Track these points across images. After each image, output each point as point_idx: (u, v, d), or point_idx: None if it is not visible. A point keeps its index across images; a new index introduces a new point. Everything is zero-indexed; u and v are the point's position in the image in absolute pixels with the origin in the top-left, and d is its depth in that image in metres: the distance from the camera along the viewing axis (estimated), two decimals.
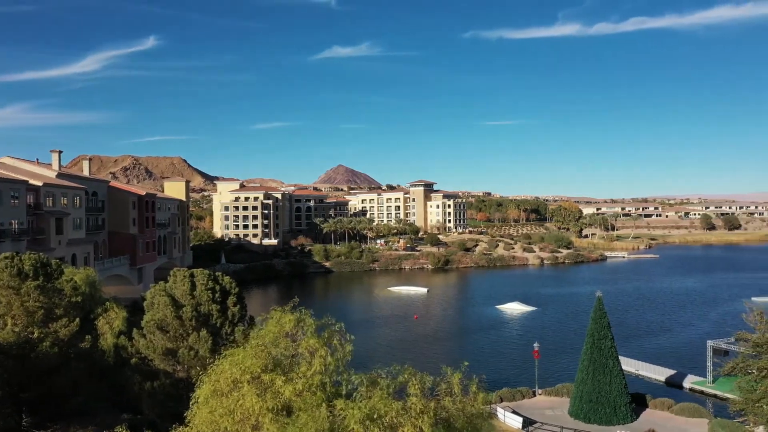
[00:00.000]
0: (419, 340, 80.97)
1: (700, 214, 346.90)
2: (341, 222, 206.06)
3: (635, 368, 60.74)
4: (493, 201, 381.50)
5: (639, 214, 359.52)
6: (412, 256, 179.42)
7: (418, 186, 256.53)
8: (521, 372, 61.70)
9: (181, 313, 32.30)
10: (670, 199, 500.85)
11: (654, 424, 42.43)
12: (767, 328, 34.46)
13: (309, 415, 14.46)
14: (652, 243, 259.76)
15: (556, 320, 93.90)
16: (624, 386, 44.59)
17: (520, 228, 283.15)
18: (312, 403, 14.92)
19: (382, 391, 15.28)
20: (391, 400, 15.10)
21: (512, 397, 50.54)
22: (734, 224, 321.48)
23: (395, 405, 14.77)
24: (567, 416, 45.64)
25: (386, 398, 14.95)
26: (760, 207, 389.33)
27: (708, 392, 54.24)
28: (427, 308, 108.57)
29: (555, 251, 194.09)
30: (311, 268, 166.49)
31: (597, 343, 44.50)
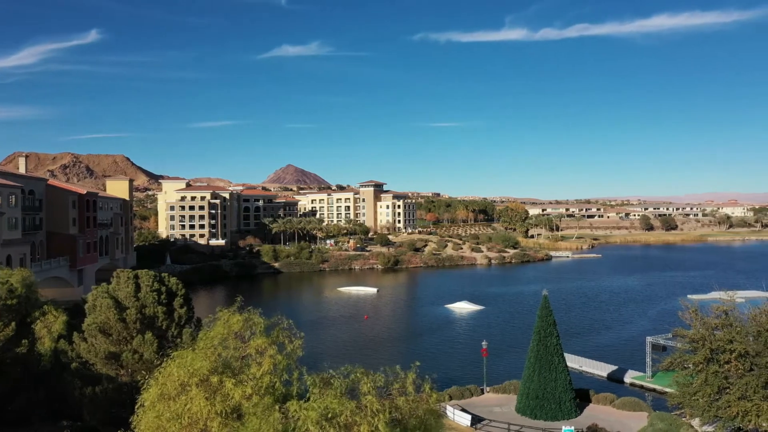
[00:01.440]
0: (370, 341, 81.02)
1: (640, 215, 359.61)
2: (291, 222, 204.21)
3: (579, 365, 62.45)
4: (442, 202, 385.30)
5: (582, 215, 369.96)
6: (362, 257, 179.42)
7: (368, 186, 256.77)
8: (470, 370, 62.49)
9: (125, 315, 31.35)
10: (612, 201, 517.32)
11: (597, 418, 43.70)
12: (702, 324, 35.91)
13: (260, 419, 14.24)
14: (595, 243, 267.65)
15: (503, 319, 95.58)
16: (569, 382, 45.73)
17: (469, 228, 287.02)
18: (262, 406, 14.70)
19: (335, 391, 15.20)
20: (345, 399, 15.05)
21: (461, 395, 51.15)
22: (671, 225, 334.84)
23: (349, 404, 14.73)
24: (514, 413, 46.50)
25: (340, 398, 14.89)
26: (694, 208, 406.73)
27: (647, 386, 56.29)
28: (377, 308, 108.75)
29: (502, 251, 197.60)
30: (260, 269, 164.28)
31: (543, 341, 45.49)
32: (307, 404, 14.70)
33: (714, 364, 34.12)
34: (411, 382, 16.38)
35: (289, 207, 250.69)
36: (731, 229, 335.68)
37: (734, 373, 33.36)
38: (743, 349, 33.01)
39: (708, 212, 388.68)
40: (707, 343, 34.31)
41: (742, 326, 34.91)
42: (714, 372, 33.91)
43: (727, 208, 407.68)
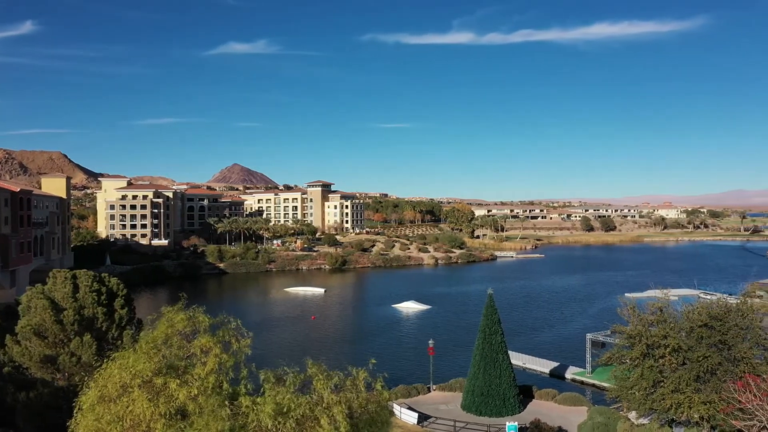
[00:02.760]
0: (317, 341, 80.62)
1: (581, 217, 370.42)
2: (236, 222, 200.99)
3: (523, 362, 63.87)
4: (389, 202, 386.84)
5: (526, 216, 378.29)
6: (310, 257, 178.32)
7: (316, 186, 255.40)
8: (417, 369, 63.01)
9: (62, 317, 30.19)
10: (554, 202, 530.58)
11: (539, 413, 44.79)
12: (639, 321, 37.34)
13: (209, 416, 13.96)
14: (538, 243, 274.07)
15: (450, 318, 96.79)
16: (513, 379, 46.72)
17: (416, 229, 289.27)
18: (209, 405, 14.42)
19: (288, 387, 15.07)
20: (299, 394, 14.96)
21: (408, 393, 51.53)
22: (610, 226, 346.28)
23: (304, 399, 14.64)
24: (460, 410, 47.17)
25: (294, 393, 14.79)
26: (632, 210, 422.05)
27: (587, 382, 58.10)
28: (324, 308, 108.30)
29: (449, 251, 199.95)
30: (204, 270, 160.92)
31: (488, 339, 46.30)
32: (261, 399, 14.52)
33: (650, 358, 35.52)
34: (362, 380, 16.42)
35: (235, 207, 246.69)
36: (666, 230, 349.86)
37: (668, 367, 34.81)
38: (677, 344, 34.48)
39: (644, 214, 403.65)
40: (643, 338, 35.67)
41: (676, 322, 36.48)
42: (649, 366, 35.30)
43: (662, 210, 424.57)
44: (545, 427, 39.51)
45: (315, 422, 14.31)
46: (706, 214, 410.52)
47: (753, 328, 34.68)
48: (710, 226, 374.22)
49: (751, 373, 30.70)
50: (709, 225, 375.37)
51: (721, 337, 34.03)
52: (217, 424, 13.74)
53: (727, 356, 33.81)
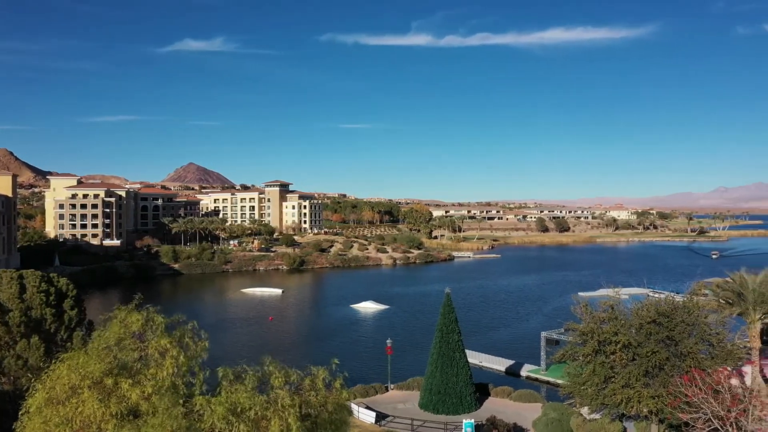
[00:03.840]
0: (275, 342, 79.88)
1: (536, 218, 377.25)
2: (192, 222, 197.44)
3: (479, 360, 64.67)
4: (348, 203, 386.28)
5: (483, 217, 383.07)
6: (267, 257, 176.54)
7: (274, 186, 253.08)
8: (375, 368, 63.14)
9: (8, 318, 29.13)
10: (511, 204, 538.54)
11: (495, 411, 45.43)
12: (591, 318, 38.24)
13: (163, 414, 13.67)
14: (495, 243, 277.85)
15: (408, 318, 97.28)
16: (469, 377, 47.26)
17: (374, 229, 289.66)
18: (163, 404, 14.13)
19: (245, 385, 14.88)
20: (255, 393, 14.78)
21: (366, 393, 51.55)
22: (564, 227, 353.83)
23: (259, 399, 14.47)
24: (417, 408, 47.44)
25: (250, 392, 14.61)
26: (585, 212, 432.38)
27: (542, 379, 59.23)
28: (282, 309, 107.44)
29: (407, 251, 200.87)
30: (158, 271, 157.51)
31: (445, 338, 46.71)
32: (215, 399, 14.31)
33: (601, 355, 36.42)
34: (322, 378, 16.35)
35: (191, 206, 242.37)
36: (617, 231, 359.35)
37: (619, 363, 35.75)
38: (627, 340, 35.43)
39: (597, 215, 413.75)
40: (595, 335, 36.54)
41: (626, 320, 37.49)
42: (601, 362, 36.19)
43: (614, 211, 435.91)
44: (501, 424, 40.10)
45: (269, 422, 14.18)
46: (655, 216, 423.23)
47: (698, 324, 35.90)
48: (659, 227, 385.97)
49: (697, 367, 31.77)
50: (658, 226, 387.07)
51: (668, 333, 35.13)
52: (172, 423, 13.48)
53: (674, 352, 34.93)
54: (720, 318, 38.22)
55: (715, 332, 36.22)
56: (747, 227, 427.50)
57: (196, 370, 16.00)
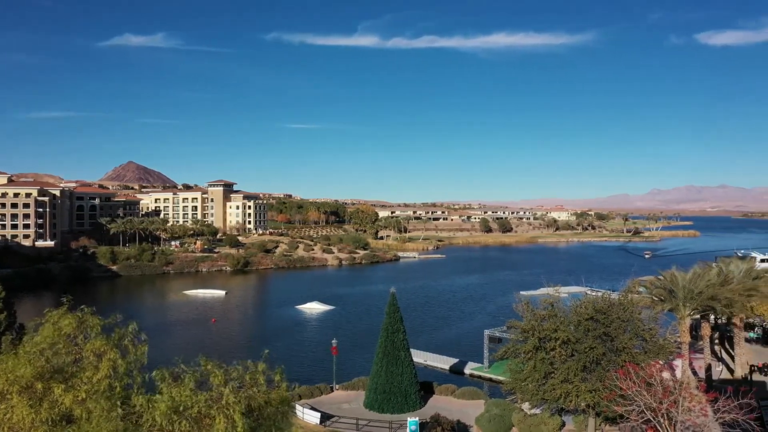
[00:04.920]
0: (218, 344, 78.39)
1: (480, 218, 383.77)
2: (131, 222, 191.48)
3: (424, 359, 65.27)
4: (294, 203, 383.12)
5: (428, 218, 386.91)
6: (210, 258, 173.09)
7: (218, 186, 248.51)
8: (320, 369, 62.87)
9: None
10: (455, 204, 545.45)
11: (439, 408, 45.97)
12: (532, 316, 39.18)
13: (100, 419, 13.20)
14: (440, 244, 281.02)
15: (353, 318, 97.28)
16: (414, 376, 47.66)
17: (320, 230, 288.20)
18: (99, 408, 13.64)
19: (185, 385, 14.54)
20: (196, 392, 14.47)
21: (311, 394, 51.25)
22: (507, 227, 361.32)
23: (201, 396, 14.18)
24: (363, 408, 47.50)
25: (190, 391, 14.28)
26: (527, 212, 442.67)
27: (485, 376, 60.32)
28: (225, 311, 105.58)
29: (353, 252, 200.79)
30: (95, 273, 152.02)
31: (390, 337, 46.95)
32: (156, 397, 13.93)
33: (542, 351, 37.35)
34: (262, 372, 16.16)
35: (130, 206, 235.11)
36: (558, 232, 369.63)
37: (558, 359, 36.77)
38: (566, 337, 36.47)
39: (539, 216, 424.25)
40: (536, 332, 37.44)
41: (566, 317, 38.58)
42: (541, 359, 37.13)
43: (554, 212, 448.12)
44: (444, 422, 40.57)
45: (212, 420, 13.95)
46: (593, 217, 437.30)
47: (633, 320, 37.31)
48: (597, 227, 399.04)
49: (631, 362, 33.00)
50: (596, 227, 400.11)
51: (605, 329, 36.35)
52: (109, 425, 13.04)
53: (610, 347, 36.18)
54: (653, 314, 39.85)
55: (648, 328, 37.74)
56: (678, 228, 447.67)
57: (135, 373, 15.53)
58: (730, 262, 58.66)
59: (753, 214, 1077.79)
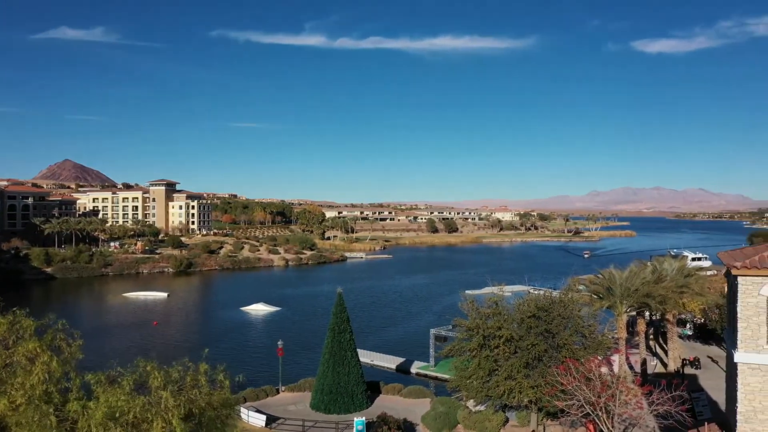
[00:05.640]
0: (160, 347, 76.28)
1: (426, 219, 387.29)
2: (68, 223, 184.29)
3: (371, 359, 65.40)
4: (239, 203, 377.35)
5: (376, 218, 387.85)
6: (152, 259, 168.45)
7: (159, 185, 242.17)
8: (266, 371, 62.14)
9: None
10: (402, 205, 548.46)
11: (386, 407, 46.15)
12: (477, 314, 39.87)
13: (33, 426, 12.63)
14: (387, 244, 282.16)
15: (299, 318, 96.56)
16: (361, 376, 47.68)
17: (266, 230, 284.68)
18: (30, 414, 13.07)
19: (122, 388, 14.08)
20: (134, 396, 14.02)
21: (256, 396, 50.57)
22: (453, 227, 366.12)
23: (139, 401, 13.76)
24: (309, 409, 47.19)
25: (128, 395, 13.83)
26: (473, 213, 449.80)
27: (431, 375, 60.91)
28: (168, 313, 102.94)
29: (299, 252, 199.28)
30: (28, 275, 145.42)
31: (337, 337, 46.83)
32: (90, 403, 13.43)
33: (486, 349, 38.07)
34: (203, 372, 15.84)
35: (67, 206, 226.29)
36: (502, 232, 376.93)
37: (502, 356, 37.55)
38: (509, 334, 37.29)
39: (483, 216, 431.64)
40: (481, 330, 38.14)
41: (509, 315, 39.44)
42: (486, 356, 37.84)
43: (498, 213, 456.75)
44: (391, 420, 40.77)
45: (150, 425, 13.57)
46: (536, 217, 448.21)
47: (573, 317, 38.48)
48: (539, 227, 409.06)
49: (572, 357, 34.04)
50: (538, 227, 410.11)
51: (546, 326, 37.34)
52: None
53: (551, 343, 37.19)
54: (592, 311, 41.19)
55: (588, 324, 38.99)
56: (616, 228, 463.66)
57: (72, 375, 14.94)
58: (663, 260, 61.08)
59: (684, 215, 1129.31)
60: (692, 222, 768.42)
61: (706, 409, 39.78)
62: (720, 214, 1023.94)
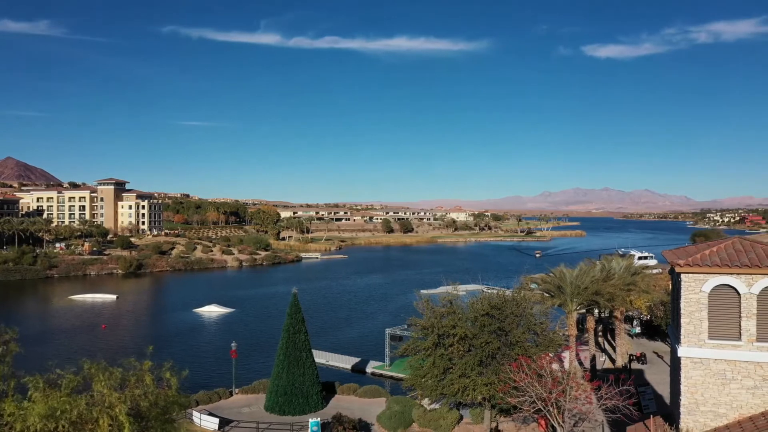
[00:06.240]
0: (109, 351, 74.10)
1: (382, 219, 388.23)
2: (10, 223, 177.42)
3: (326, 359, 65.15)
4: (191, 203, 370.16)
5: (331, 218, 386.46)
6: (100, 261, 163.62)
7: (108, 185, 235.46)
8: (219, 373, 61.19)
9: None
10: (358, 205, 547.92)
11: (341, 408, 46.04)
12: (432, 313, 40.15)
13: None
14: (342, 244, 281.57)
15: (253, 320, 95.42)
16: (316, 376, 47.42)
17: (220, 230, 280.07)
18: None
19: (63, 390, 13.59)
20: (75, 396, 13.54)
21: (209, 399, 49.70)
22: (408, 228, 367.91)
23: (82, 400, 13.29)
24: (263, 411, 46.66)
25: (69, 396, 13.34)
26: (427, 213, 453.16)
27: (386, 374, 61.09)
28: (117, 316, 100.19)
29: (254, 253, 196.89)
30: None
31: (292, 338, 46.44)
32: (29, 404, 12.91)
33: (441, 347, 38.36)
34: (148, 370, 15.43)
35: (8, 205, 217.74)
36: (456, 232, 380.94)
37: (456, 354, 37.92)
38: (464, 332, 37.68)
39: (438, 217, 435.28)
40: (435, 329, 38.41)
41: (463, 313, 39.86)
42: (441, 355, 38.13)
43: (453, 213, 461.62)
44: (346, 420, 40.68)
45: (95, 424, 13.14)
46: (489, 218, 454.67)
47: (525, 315, 39.15)
48: (493, 228, 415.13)
49: (524, 355, 34.61)
50: (492, 227, 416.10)
51: (500, 324, 37.88)
52: None
53: (504, 341, 37.75)
54: (543, 309, 41.95)
55: (540, 322, 39.71)
56: (567, 228, 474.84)
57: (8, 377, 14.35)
58: (612, 259, 62.87)
59: (632, 215, 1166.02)
60: (639, 222, 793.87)
61: (652, 403, 41.10)
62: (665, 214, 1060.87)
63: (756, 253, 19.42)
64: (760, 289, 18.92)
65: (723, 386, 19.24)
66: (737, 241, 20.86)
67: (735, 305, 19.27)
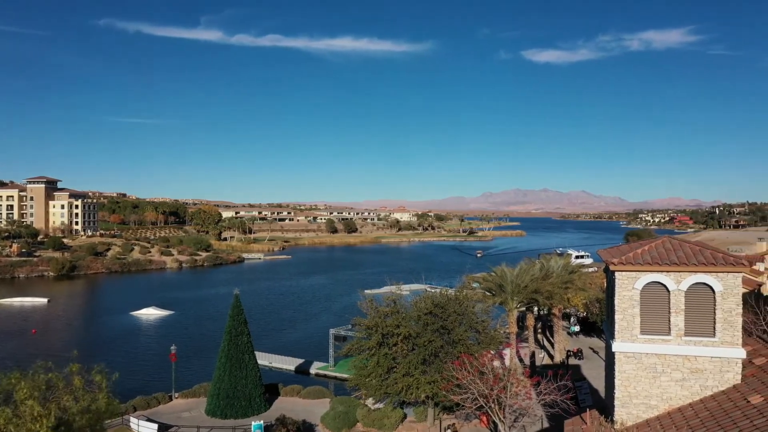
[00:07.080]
0: (39, 357, 70.86)
1: (326, 219, 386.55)
2: None
3: (269, 361, 64.41)
4: (128, 202, 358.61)
5: (274, 218, 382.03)
6: (29, 263, 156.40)
7: (38, 183, 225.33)
8: (158, 377, 59.55)
9: None
10: (301, 205, 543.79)
11: (285, 409, 45.60)
12: (376, 313, 40.35)
13: None
14: (286, 245, 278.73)
15: (193, 322, 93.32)
16: (259, 379, 46.80)
17: (158, 231, 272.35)
18: None
19: None
20: None
21: (147, 404, 48.30)
22: (352, 228, 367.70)
23: (3, 414, 12.61)
24: (204, 415, 45.70)
25: None
26: (371, 213, 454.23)
27: (330, 375, 60.92)
28: (48, 321, 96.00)
29: (194, 254, 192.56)
30: None
31: (234, 340, 45.68)
32: None
33: (385, 347, 38.62)
34: (76, 372, 14.82)
35: None
36: (400, 232, 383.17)
37: (400, 354, 38.24)
38: (407, 332, 38.05)
39: (382, 217, 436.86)
40: (379, 329, 38.63)
41: (407, 313, 40.25)
42: (384, 354, 38.38)
43: (397, 213, 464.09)
44: (290, 422, 40.33)
45: None
46: (433, 218, 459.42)
47: (467, 314, 39.85)
48: (436, 228, 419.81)
49: (466, 352, 35.22)
50: (435, 227, 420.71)
51: (443, 323, 38.44)
52: None
53: (447, 339, 38.33)
54: (485, 307, 42.81)
55: (481, 320, 40.52)
56: (507, 228, 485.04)
57: None
58: (550, 258, 64.65)
59: (569, 215, 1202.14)
60: (576, 222, 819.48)
61: (588, 397, 42.53)
62: (600, 214, 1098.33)
63: (684, 252, 20.40)
64: (687, 286, 19.89)
65: (654, 379, 20.12)
66: (667, 241, 21.86)
67: (665, 302, 20.19)
